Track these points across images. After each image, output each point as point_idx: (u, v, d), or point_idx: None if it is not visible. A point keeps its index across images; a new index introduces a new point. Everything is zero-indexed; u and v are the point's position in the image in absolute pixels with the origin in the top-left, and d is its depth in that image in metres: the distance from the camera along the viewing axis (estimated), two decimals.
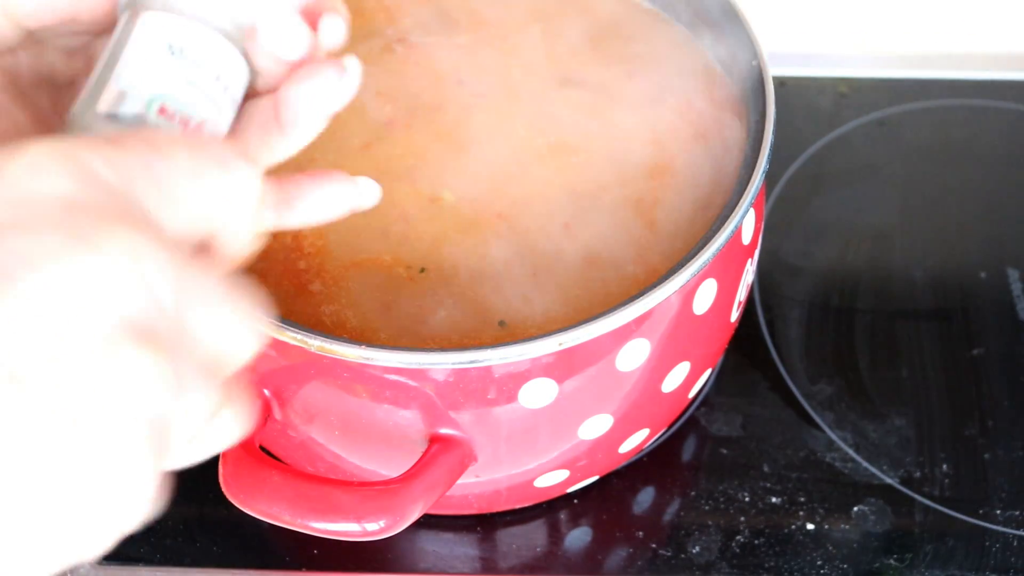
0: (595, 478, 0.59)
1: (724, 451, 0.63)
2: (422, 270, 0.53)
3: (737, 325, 0.58)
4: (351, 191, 0.39)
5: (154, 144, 0.32)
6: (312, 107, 0.37)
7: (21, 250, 0.28)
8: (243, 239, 0.34)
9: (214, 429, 0.33)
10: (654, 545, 0.60)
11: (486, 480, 0.54)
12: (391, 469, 0.51)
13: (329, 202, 0.39)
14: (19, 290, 0.27)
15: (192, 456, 0.33)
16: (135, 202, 0.30)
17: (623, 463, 0.61)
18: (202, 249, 0.33)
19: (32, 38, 0.38)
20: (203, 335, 0.31)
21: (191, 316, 0.30)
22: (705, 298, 0.51)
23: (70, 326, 0.28)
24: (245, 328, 0.32)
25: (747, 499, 0.61)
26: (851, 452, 0.63)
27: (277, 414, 0.52)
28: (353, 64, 0.37)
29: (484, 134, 0.58)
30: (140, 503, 0.29)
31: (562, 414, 0.51)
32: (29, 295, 0.27)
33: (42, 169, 0.29)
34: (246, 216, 0.34)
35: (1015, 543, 0.60)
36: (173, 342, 0.29)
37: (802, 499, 0.61)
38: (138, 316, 0.29)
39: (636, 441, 0.57)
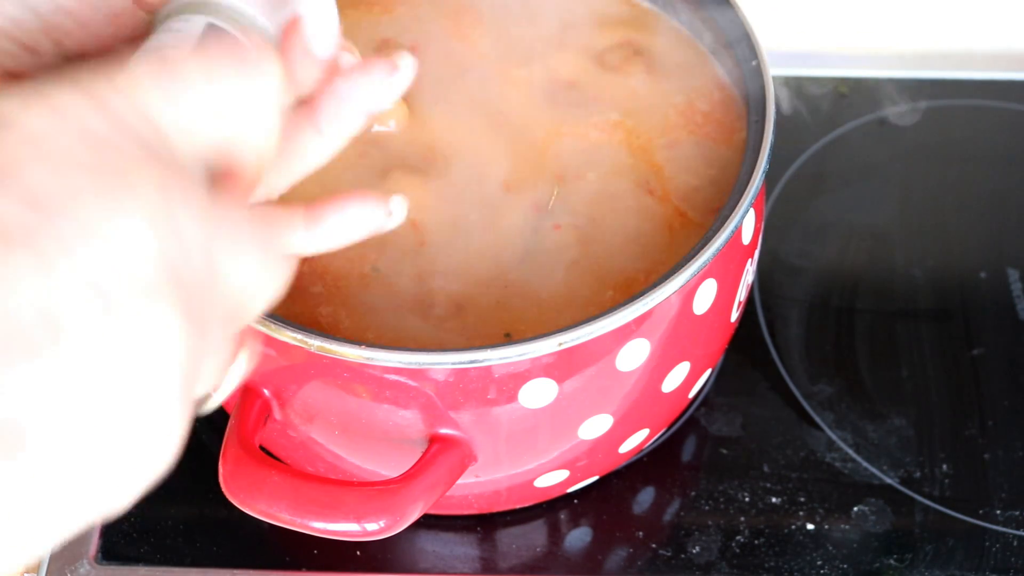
0: (595, 478, 0.59)
1: (724, 451, 0.63)
2: (416, 272, 0.53)
3: (737, 325, 0.58)
4: (380, 211, 0.37)
5: (164, 58, 0.31)
6: (358, 102, 0.36)
7: (54, 189, 0.27)
8: (264, 151, 0.33)
9: (228, 372, 0.33)
10: (654, 545, 0.60)
11: (486, 480, 0.54)
12: (391, 469, 0.51)
13: (358, 221, 0.37)
14: (56, 232, 0.26)
15: (212, 400, 0.33)
16: (155, 129, 0.29)
17: (623, 463, 0.61)
18: (224, 178, 0.32)
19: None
20: (229, 277, 0.30)
21: (218, 259, 0.30)
22: (705, 298, 0.51)
23: (112, 274, 0.27)
24: (269, 269, 0.32)
25: (747, 499, 0.61)
26: (851, 452, 0.63)
27: (277, 414, 0.52)
28: (407, 62, 0.37)
29: (481, 134, 0.58)
30: (168, 449, 0.29)
31: (562, 414, 0.51)
32: (67, 239, 0.26)
33: (65, 110, 0.28)
34: (266, 118, 0.33)
35: (1015, 543, 0.60)
36: (202, 289, 0.29)
37: (802, 499, 0.61)
38: (172, 262, 0.28)
39: (636, 441, 0.57)
